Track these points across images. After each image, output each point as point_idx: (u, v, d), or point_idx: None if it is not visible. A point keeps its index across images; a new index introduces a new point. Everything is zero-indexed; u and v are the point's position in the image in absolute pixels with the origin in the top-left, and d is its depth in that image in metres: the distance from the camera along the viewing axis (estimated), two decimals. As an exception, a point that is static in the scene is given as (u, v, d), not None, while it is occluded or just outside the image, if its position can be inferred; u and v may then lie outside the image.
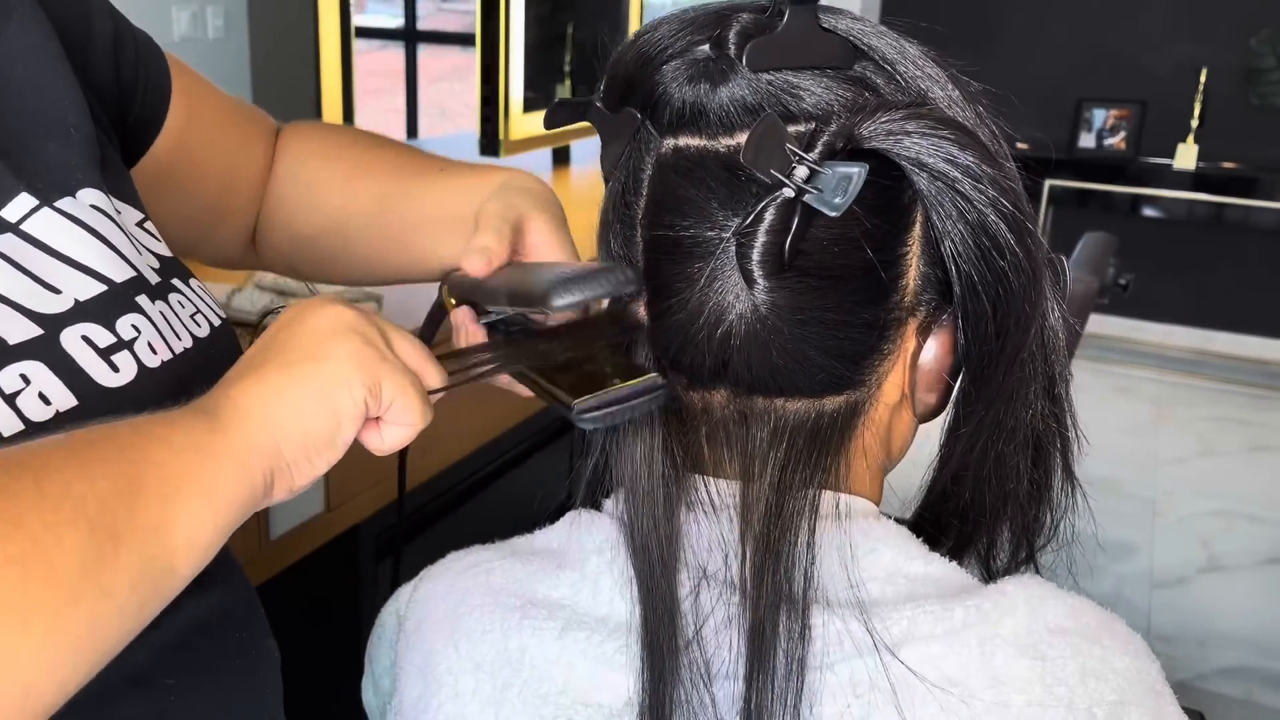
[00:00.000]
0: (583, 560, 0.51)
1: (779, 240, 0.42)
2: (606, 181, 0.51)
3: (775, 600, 0.44)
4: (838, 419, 0.47)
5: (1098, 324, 3.89)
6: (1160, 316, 4.08)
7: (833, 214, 0.41)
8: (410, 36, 5.47)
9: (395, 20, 5.82)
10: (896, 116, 0.42)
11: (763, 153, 0.41)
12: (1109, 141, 3.93)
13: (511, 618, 0.50)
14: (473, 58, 1.95)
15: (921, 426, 0.52)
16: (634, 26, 2.46)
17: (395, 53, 5.54)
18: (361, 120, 1.68)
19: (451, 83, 6.93)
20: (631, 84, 0.47)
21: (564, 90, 2.19)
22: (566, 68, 2.21)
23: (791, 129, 0.44)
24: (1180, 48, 3.88)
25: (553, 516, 0.56)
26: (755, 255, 0.43)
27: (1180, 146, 3.83)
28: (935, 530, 0.53)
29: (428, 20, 6.33)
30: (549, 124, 0.52)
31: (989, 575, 0.53)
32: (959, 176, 0.43)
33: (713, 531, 0.48)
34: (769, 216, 0.42)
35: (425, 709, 0.52)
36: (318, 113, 1.52)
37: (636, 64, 0.47)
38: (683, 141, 0.45)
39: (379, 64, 6.30)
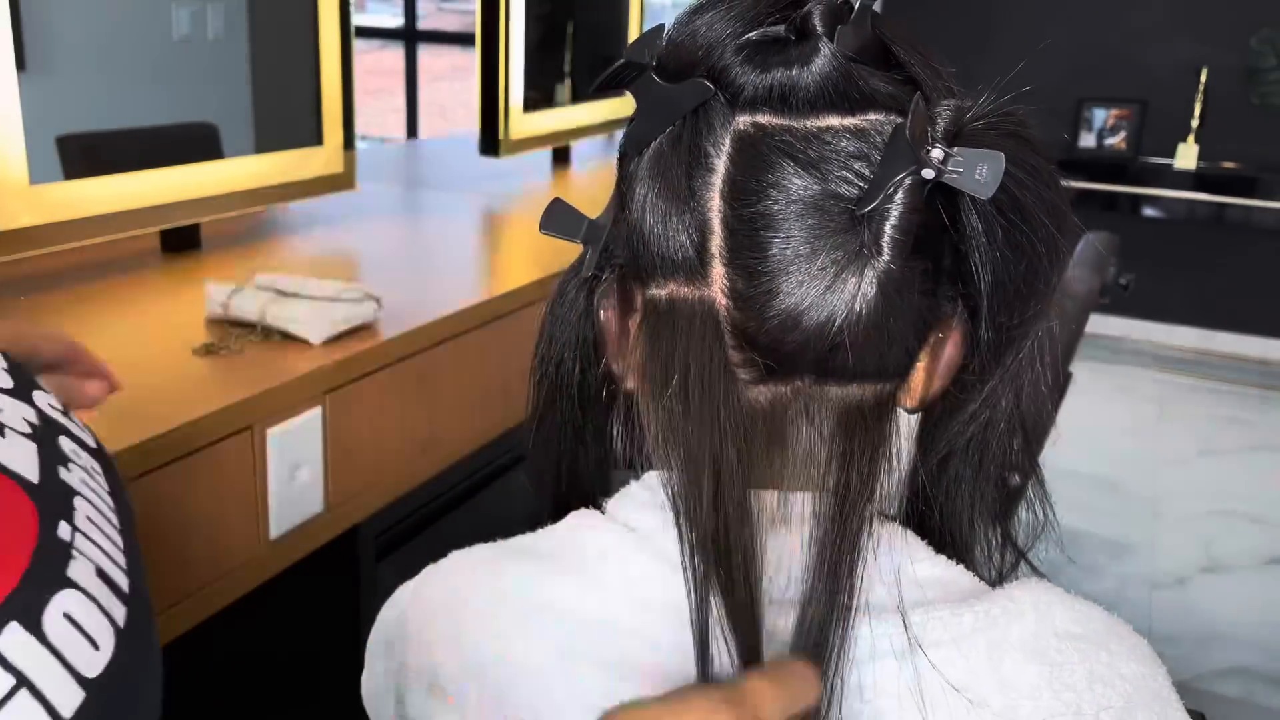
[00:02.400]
0: (587, 565, 0.50)
1: (912, 220, 0.42)
2: (626, 157, 0.49)
3: (829, 605, 0.44)
4: (887, 402, 0.48)
5: (1098, 324, 3.88)
6: (1161, 316, 4.08)
7: (982, 195, 0.42)
8: (410, 36, 5.47)
9: (395, 20, 5.82)
10: (996, 113, 0.44)
11: (913, 133, 0.42)
12: (1109, 141, 3.93)
13: (515, 624, 0.50)
14: (473, 58, 1.95)
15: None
16: (634, 26, 2.45)
17: (395, 53, 5.54)
18: (362, 120, 1.67)
19: (451, 83, 6.93)
20: (700, 57, 0.46)
21: (564, 90, 2.18)
22: (566, 68, 2.21)
23: (874, 116, 0.44)
24: (1180, 47, 3.88)
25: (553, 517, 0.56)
26: (888, 235, 0.42)
27: (1180, 146, 3.84)
28: (919, 530, 0.53)
29: (428, 20, 6.32)
30: (603, 86, 0.50)
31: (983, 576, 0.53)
32: (1022, 175, 0.44)
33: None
34: (900, 197, 0.42)
35: (430, 713, 0.52)
36: (318, 112, 1.52)
37: (709, 37, 0.46)
38: (763, 119, 0.45)
39: (379, 64, 6.30)
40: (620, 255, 0.49)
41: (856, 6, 0.45)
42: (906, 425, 0.52)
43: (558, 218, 0.53)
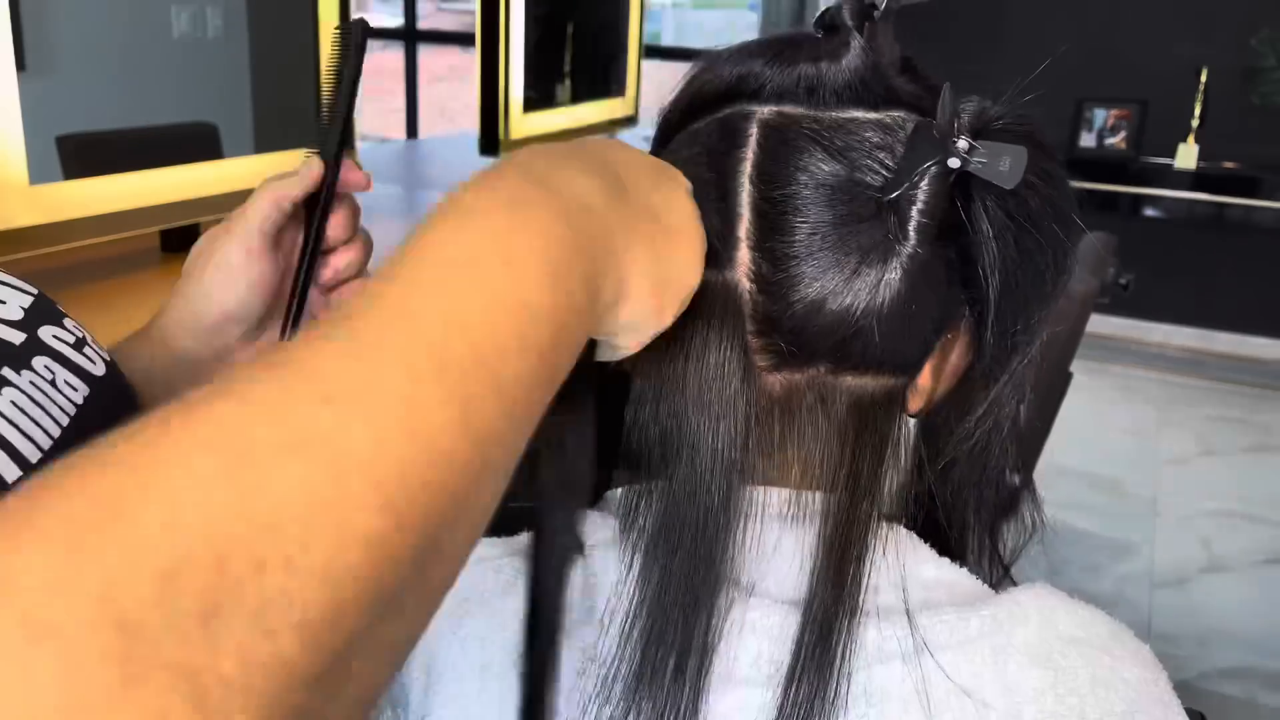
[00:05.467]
0: (588, 558, 0.50)
1: (938, 207, 0.43)
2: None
3: (834, 604, 0.44)
4: (897, 398, 0.48)
5: (1098, 324, 3.88)
6: (1161, 316, 4.08)
7: (1006, 186, 0.43)
8: (410, 36, 5.46)
9: (395, 20, 5.82)
10: (1014, 113, 0.45)
11: (943, 119, 0.43)
12: (1109, 141, 3.93)
13: (519, 620, 0.49)
14: (473, 58, 1.95)
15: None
16: (634, 26, 2.45)
17: (395, 53, 5.54)
18: (362, 120, 1.67)
19: (451, 83, 6.93)
20: (723, 88, 0.48)
21: (564, 90, 2.18)
22: (566, 68, 2.21)
23: (896, 113, 0.45)
24: (1180, 48, 3.88)
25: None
26: (915, 220, 0.43)
27: (1181, 146, 3.83)
28: (920, 534, 0.53)
29: (428, 20, 6.33)
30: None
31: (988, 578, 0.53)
32: (1035, 180, 0.45)
33: (746, 537, 0.47)
34: (926, 184, 0.43)
35: (430, 707, 0.52)
36: (318, 113, 1.52)
37: (735, 70, 0.47)
38: (788, 109, 0.46)
39: (379, 64, 6.30)
40: None
41: (882, 8, 0.46)
42: (908, 429, 0.52)
43: None
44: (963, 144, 0.43)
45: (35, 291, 0.49)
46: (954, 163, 0.43)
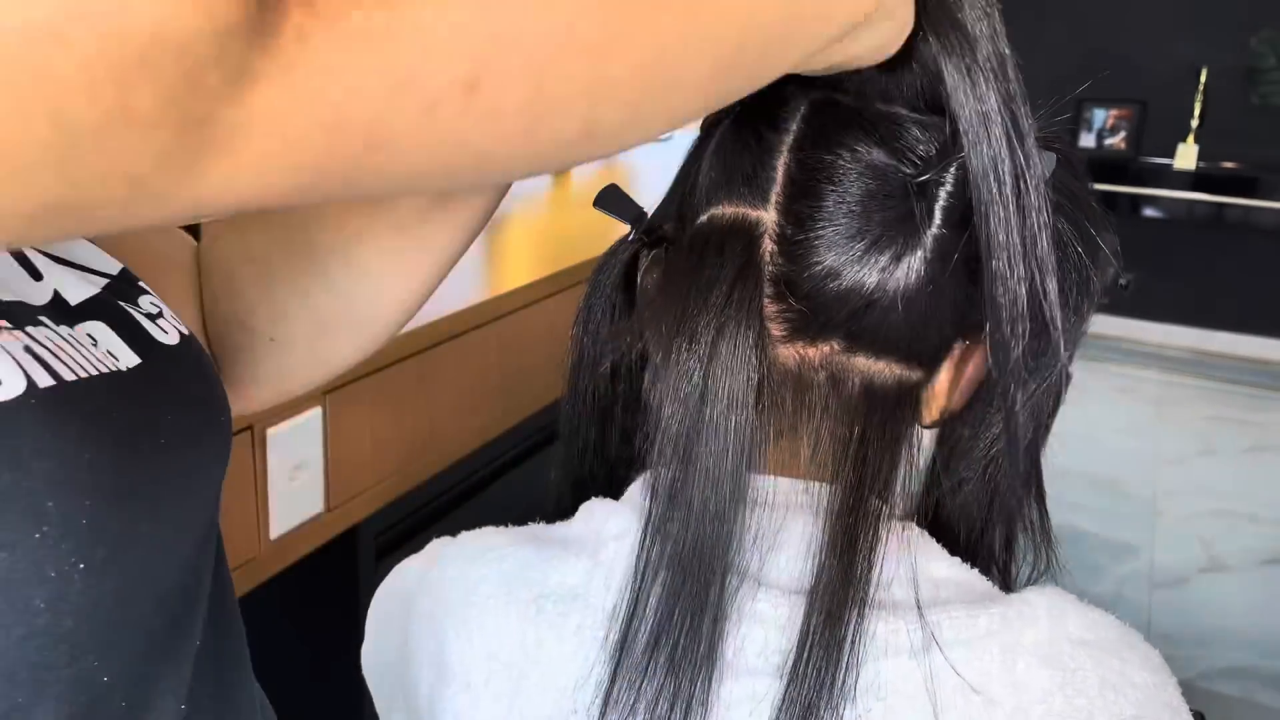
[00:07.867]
0: (598, 548, 0.50)
1: (965, 196, 0.44)
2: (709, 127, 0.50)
3: (842, 592, 0.44)
4: (910, 393, 0.48)
5: (1098, 324, 3.85)
6: (1160, 316, 4.08)
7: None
8: (410, 36, 5.47)
9: (395, 20, 5.82)
10: (1047, 132, 0.46)
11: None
12: (1109, 141, 3.93)
13: (526, 609, 0.50)
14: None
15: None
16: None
17: (395, 53, 5.54)
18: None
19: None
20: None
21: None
22: (566, 67, 2.20)
23: (938, 119, 0.46)
24: (1180, 48, 3.88)
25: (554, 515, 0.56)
26: (942, 201, 0.44)
27: (1180, 146, 3.84)
28: (935, 536, 0.53)
29: (428, 20, 6.31)
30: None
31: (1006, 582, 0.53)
32: (1062, 201, 0.46)
33: (754, 526, 0.47)
34: (956, 171, 0.44)
35: (438, 698, 0.52)
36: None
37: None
38: (838, 96, 0.46)
39: (379, 64, 6.30)
40: (669, 226, 0.51)
41: None
42: (920, 438, 0.52)
43: (611, 199, 0.53)
44: None
45: (113, 272, 0.42)
46: None
